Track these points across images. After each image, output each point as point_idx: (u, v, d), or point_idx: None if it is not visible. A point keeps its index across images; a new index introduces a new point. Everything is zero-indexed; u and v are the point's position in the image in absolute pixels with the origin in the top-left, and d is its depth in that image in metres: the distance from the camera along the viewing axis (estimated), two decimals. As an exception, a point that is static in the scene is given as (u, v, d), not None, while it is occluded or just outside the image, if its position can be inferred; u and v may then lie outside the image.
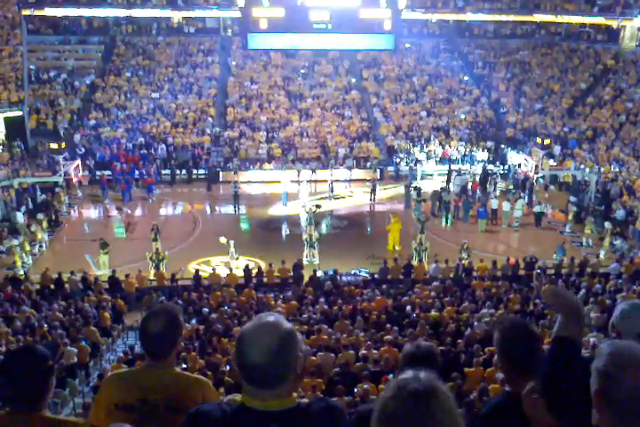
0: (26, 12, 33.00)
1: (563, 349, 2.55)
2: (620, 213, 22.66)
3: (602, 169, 27.02)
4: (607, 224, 21.59)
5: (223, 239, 19.04)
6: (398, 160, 29.98)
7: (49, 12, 33.53)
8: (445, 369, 9.70)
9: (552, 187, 26.77)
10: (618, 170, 26.84)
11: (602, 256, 19.93)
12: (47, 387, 2.53)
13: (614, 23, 35.10)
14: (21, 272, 18.01)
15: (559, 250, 19.51)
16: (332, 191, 26.00)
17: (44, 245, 20.55)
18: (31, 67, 33.10)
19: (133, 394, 2.70)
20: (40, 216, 21.54)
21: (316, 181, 27.75)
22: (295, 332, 1.98)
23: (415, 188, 25.65)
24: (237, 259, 18.93)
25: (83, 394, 11.14)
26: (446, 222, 23.51)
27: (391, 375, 9.57)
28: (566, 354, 2.51)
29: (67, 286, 16.85)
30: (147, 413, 2.67)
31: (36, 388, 2.48)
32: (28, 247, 19.28)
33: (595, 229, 21.73)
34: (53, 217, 22.81)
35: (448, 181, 27.30)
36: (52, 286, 16.94)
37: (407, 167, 29.26)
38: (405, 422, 1.51)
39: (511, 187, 27.02)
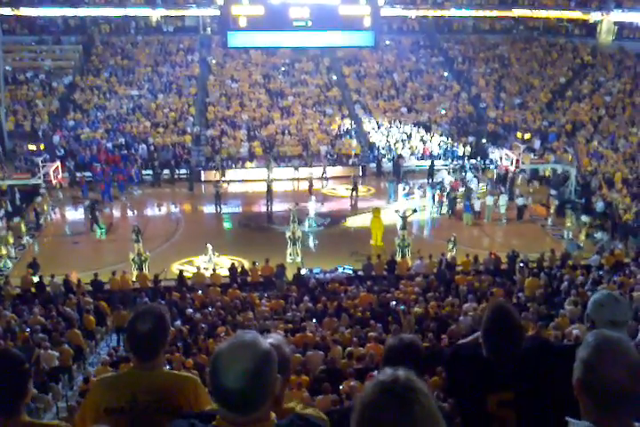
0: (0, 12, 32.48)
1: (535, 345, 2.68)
2: (599, 206, 22.93)
3: (581, 162, 27.32)
4: (584, 218, 21.90)
5: (209, 247, 18.93)
6: (380, 156, 30.06)
7: (24, 11, 33.02)
8: (430, 364, 9.74)
9: (534, 181, 27.00)
10: (597, 163, 27.14)
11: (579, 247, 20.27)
12: (24, 391, 2.46)
13: (591, 17, 35.43)
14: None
15: (571, 245, 19.74)
16: (310, 188, 26.00)
17: (21, 247, 20.23)
18: (7, 68, 32.62)
19: (123, 397, 2.67)
20: (17, 220, 21.25)
21: (298, 179, 27.74)
22: (272, 353, 1.88)
23: (400, 182, 25.78)
24: (217, 263, 18.76)
25: (66, 398, 11.03)
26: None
27: (376, 372, 9.59)
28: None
29: (48, 289, 16.66)
30: (138, 415, 2.64)
31: (11, 392, 2.41)
32: (4, 251, 19.00)
33: (575, 222, 21.97)
34: (35, 220, 22.54)
35: (430, 177, 27.43)
36: (34, 290, 16.74)
37: (390, 163, 29.36)
38: (386, 425, 1.51)
39: (489, 177, 27.36)
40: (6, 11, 31.69)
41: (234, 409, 1.83)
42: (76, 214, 25.04)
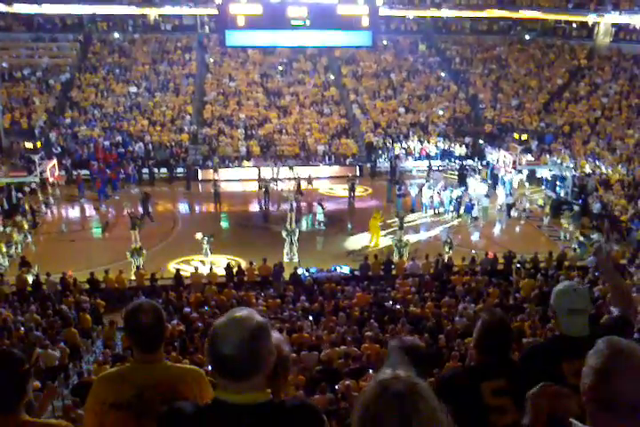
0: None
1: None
2: (596, 207, 23.00)
3: (578, 164, 27.39)
4: (583, 220, 22.00)
5: (199, 235, 18.91)
6: (377, 157, 30.06)
7: (18, 8, 32.74)
8: (430, 365, 9.75)
9: (528, 182, 27.11)
10: (594, 164, 27.21)
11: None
12: (24, 391, 2.49)
13: (589, 19, 35.51)
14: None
15: (581, 246, 19.74)
16: (299, 187, 25.99)
17: (18, 247, 20.17)
18: (3, 65, 32.53)
19: (128, 391, 2.68)
20: (18, 218, 21.20)
21: (295, 179, 27.69)
22: (267, 325, 2.01)
23: (397, 182, 25.80)
24: (213, 262, 18.72)
25: (62, 397, 10.99)
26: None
27: (371, 371, 9.61)
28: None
29: (44, 287, 16.62)
30: (144, 409, 2.65)
31: (11, 392, 2.44)
32: (4, 248, 18.95)
33: (572, 223, 22.03)
34: (30, 218, 22.46)
35: (428, 177, 27.48)
36: (29, 288, 16.69)
37: (387, 163, 29.39)
38: (389, 424, 1.50)
39: (486, 178, 27.39)
40: (1, 7, 31.40)
41: (230, 376, 1.95)
42: (72, 212, 24.99)
